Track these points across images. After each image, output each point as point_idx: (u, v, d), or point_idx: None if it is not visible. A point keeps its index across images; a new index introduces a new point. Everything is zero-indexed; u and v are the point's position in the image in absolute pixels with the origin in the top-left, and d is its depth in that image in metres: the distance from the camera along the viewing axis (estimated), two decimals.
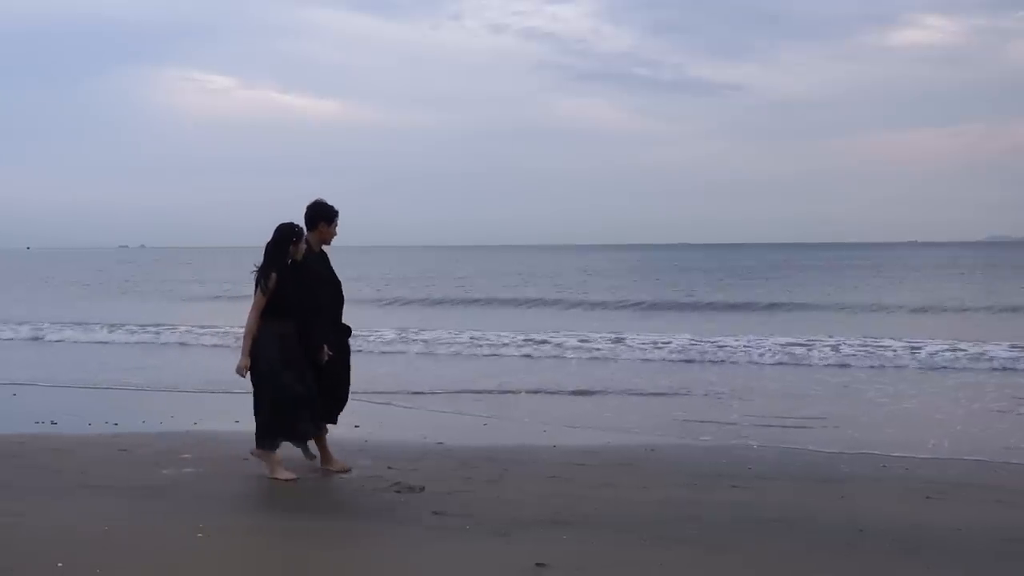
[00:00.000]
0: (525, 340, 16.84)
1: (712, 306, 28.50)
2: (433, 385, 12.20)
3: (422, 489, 6.27)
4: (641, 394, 11.64)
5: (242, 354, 6.54)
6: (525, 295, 34.35)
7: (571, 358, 15.27)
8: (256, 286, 6.54)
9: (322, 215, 6.79)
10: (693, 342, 16.12)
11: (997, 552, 5.04)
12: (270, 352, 6.46)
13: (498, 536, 5.21)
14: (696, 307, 28.42)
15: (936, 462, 7.46)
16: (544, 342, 16.62)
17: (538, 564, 4.64)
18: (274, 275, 6.45)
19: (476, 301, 32.43)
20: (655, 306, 28.78)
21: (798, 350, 15.06)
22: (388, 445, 7.88)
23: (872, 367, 13.75)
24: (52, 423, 9.10)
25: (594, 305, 29.61)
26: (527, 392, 11.71)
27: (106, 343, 18.64)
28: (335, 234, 6.90)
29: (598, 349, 16.03)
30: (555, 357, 15.43)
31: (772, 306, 27.73)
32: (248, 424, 9.07)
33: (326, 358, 6.69)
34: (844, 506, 5.91)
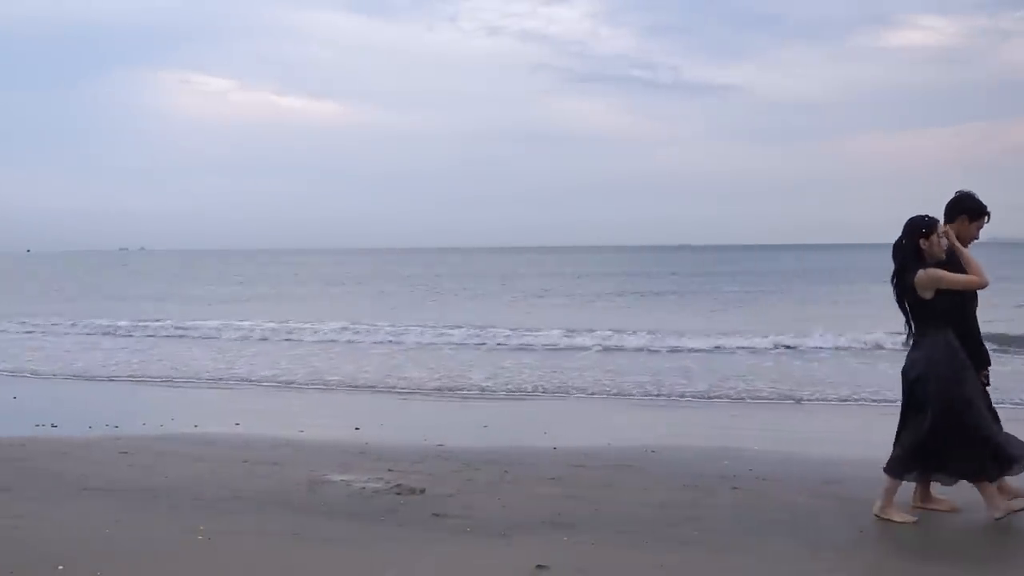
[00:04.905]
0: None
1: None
2: None
3: (423, 491, 6.27)
4: (646, 395, 11.69)
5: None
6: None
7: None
8: (897, 292, 5.70)
9: (962, 208, 5.76)
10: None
11: (997, 552, 5.04)
12: (944, 368, 5.49)
13: (499, 538, 5.21)
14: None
15: None
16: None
17: (539, 566, 4.64)
18: (924, 273, 5.51)
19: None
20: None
21: None
22: (388, 447, 7.88)
23: None
24: (52, 426, 9.11)
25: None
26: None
27: None
28: (976, 236, 5.84)
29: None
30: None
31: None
32: (247, 427, 9.14)
33: (987, 382, 5.73)
34: (845, 507, 5.90)
